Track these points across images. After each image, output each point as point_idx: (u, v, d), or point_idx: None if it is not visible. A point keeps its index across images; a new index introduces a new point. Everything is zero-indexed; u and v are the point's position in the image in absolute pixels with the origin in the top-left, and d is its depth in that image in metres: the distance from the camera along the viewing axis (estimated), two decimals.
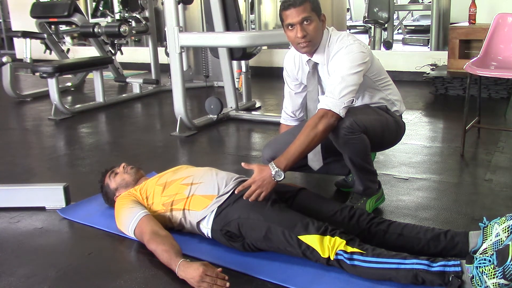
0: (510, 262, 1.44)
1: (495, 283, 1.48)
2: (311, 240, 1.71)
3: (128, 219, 1.97)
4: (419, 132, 3.52)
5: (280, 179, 1.86)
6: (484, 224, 1.70)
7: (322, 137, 1.94)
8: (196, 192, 1.98)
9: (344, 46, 2.01)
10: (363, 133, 2.01)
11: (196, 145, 3.58)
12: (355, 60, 1.98)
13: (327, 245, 1.69)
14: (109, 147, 3.66)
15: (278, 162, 1.88)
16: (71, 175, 2.95)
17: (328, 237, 1.70)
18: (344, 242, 1.68)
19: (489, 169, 2.74)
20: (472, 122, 3.15)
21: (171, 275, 1.72)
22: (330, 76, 2.03)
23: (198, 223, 1.95)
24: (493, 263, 1.49)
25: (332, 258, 1.68)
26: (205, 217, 1.94)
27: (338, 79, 1.96)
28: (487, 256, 1.51)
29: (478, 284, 1.51)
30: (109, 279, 1.78)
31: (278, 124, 3.77)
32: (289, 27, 2.00)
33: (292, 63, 2.27)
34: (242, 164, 1.95)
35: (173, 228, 2.00)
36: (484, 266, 1.50)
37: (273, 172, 1.85)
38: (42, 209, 2.41)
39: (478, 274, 1.50)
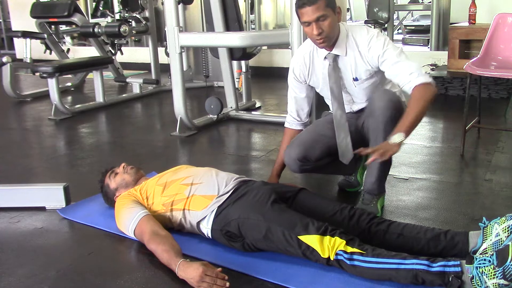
0: (510, 262, 1.44)
1: (495, 283, 1.48)
2: (311, 240, 1.71)
3: (128, 219, 1.97)
4: (419, 132, 3.52)
5: (399, 140, 1.85)
6: (484, 224, 1.70)
7: (430, 105, 1.97)
8: (196, 192, 1.98)
9: (374, 35, 2.08)
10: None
11: (196, 145, 3.58)
12: (393, 44, 2.08)
13: (327, 245, 1.69)
14: (109, 147, 3.66)
15: (398, 129, 1.89)
16: (71, 175, 2.95)
17: (328, 237, 1.70)
18: (344, 242, 1.68)
19: (489, 169, 2.74)
20: (472, 122, 3.15)
21: (171, 275, 1.72)
22: (390, 66, 2.06)
23: (198, 223, 1.95)
24: (493, 264, 1.49)
25: (332, 258, 1.68)
26: (205, 217, 1.94)
27: (403, 62, 2.03)
28: (487, 257, 1.51)
29: (478, 285, 1.51)
30: (109, 279, 1.78)
31: (278, 124, 3.79)
32: (305, 24, 2.02)
33: (302, 63, 2.25)
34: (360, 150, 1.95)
35: (173, 228, 2.00)
36: (484, 266, 1.50)
37: (392, 138, 1.86)
38: (42, 209, 2.41)
39: (478, 274, 1.50)
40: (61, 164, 3.26)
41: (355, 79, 2.18)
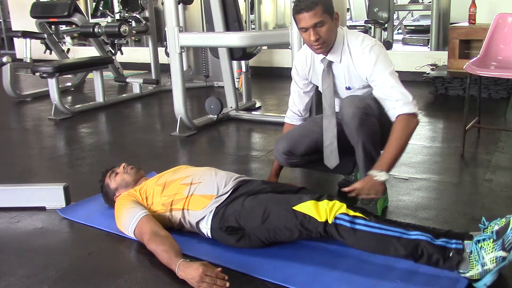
0: (510, 231, 1.45)
1: (493, 257, 1.49)
2: (306, 207, 1.71)
3: (128, 219, 1.97)
4: (419, 132, 3.52)
5: (384, 178, 1.88)
6: (484, 225, 1.69)
7: (410, 138, 1.98)
8: (195, 192, 1.98)
9: (368, 47, 2.02)
10: (376, 119, 2.05)
11: (196, 145, 3.59)
12: (386, 61, 2.03)
13: (324, 208, 1.68)
14: (109, 147, 3.66)
15: (378, 167, 1.91)
16: (71, 175, 2.95)
17: (325, 201, 1.70)
18: (345, 205, 1.68)
19: (489, 169, 2.74)
20: (472, 122, 3.15)
21: (171, 275, 1.72)
22: (377, 84, 2.03)
23: (198, 223, 1.96)
24: (492, 238, 1.51)
25: (330, 222, 1.66)
26: (204, 217, 1.94)
27: (390, 86, 2.00)
28: (487, 233, 1.54)
29: (475, 259, 1.52)
30: (109, 279, 1.78)
31: (278, 124, 3.78)
32: (303, 30, 2.01)
33: (303, 62, 2.26)
34: (344, 189, 1.95)
35: (173, 228, 2.01)
36: (484, 241, 1.52)
37: (375, 177, 1.87)
38: (42, 209, 2.41)
39: (476, 249, 1.52)
40: (61, 164, 3.26)
41: (348, 88, 2.17)
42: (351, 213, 1.66)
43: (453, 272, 1.57)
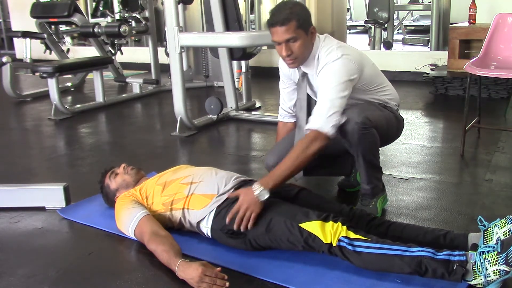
0: None
1: (496, 270, 1.48)
2: (312, 226, 1.71)
3: (128, 219, 1.97)
4: (419, 132, 3.52)
5: (264, 198, 1.84)
6: (484, 227, 1.69)
7: (310, 159, 1.93)
8: (195, 191, 1.98)
9: (330, 61, 1.97)
10: (374, 128, 2.03)
11: (196, 145, 3.58)
12: (341, 78, 1.95)
13: (329, 230, 1.69)
14: (109, 147, 3.66)
15: (264, 182, 1.87)
16: (71, 175, 2.95)
17: (330, 222, 1.71)
18: (346, 228, 1.68)
19: (489, 169, 2.74)
20: (472, 122, 3.15)
21: (171, 275, 1.72)
22: (317, 95, 2.01)
23: (198, 222, 1.96)
24: (496, 250, 1.51)
25: (334, 244, 1.67)
26: (204, 217, 1.94)
27: (325, 102, 1.94)
28: (492, 244, 1.53)
29: (479, 271, 1.52)
30: (109, 279, 1.78)
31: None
32: (276, 43, 2.00)
33: (286, 66, 2.25)
34: (229, 194, 1.93)
35: (173, 228, 2.00)
36: (488, 252, 1.52)
37: (256, 193, 1.84)
38: (42, 209, 2.40)
39: (480, 260, 1.52)
40: (61, 164, 3.26)
41: None
42: (351, 235, 1.67)
43: (460, 283, 1.57)
